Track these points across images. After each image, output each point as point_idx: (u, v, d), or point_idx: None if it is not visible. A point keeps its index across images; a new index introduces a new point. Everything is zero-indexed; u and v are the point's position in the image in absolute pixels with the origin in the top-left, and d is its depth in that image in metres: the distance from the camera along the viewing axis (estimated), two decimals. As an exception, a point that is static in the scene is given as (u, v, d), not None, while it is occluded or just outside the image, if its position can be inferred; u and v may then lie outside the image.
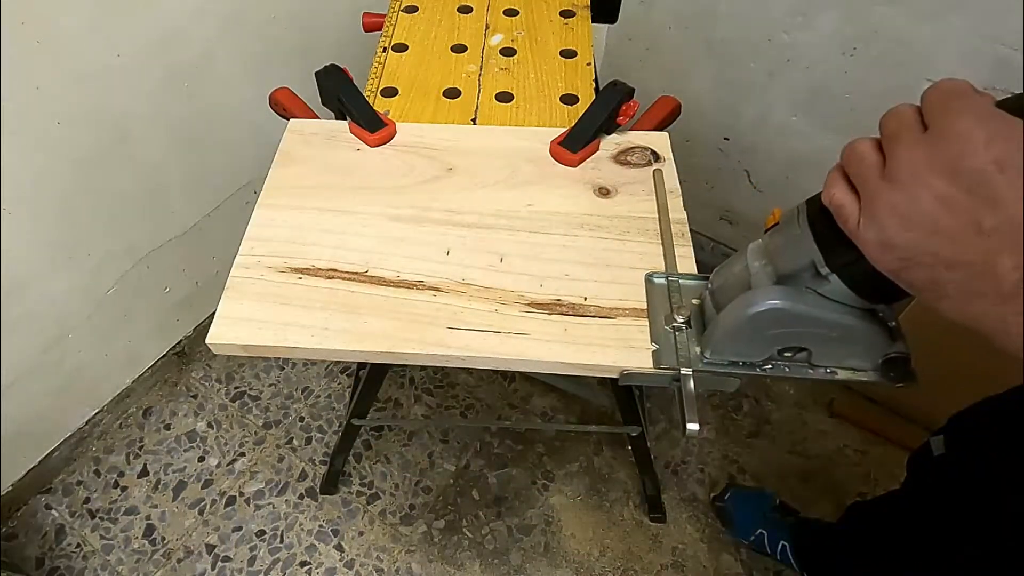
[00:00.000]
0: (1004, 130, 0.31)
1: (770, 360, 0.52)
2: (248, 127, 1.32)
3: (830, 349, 0.50)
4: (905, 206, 0.34)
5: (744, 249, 0.51)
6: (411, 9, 0.98)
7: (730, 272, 0.52)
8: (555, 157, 0.75)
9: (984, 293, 0.33)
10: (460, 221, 0.68)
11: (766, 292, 0.47)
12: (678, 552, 1.28)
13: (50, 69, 0.97)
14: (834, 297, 0.45)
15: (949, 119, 0.33)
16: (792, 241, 0.45)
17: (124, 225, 1.22)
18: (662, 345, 0.57)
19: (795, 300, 0.46)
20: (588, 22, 0.96)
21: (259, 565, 1.27)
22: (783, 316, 0.47)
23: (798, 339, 0.50)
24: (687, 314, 0.57)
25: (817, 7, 1.18)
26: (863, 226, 0.37)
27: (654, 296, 0.61)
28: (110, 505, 1.34)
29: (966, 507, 0.76)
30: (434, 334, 0.58)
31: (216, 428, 1.45)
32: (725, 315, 0.50)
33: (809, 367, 0.52)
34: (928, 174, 0.33)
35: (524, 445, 1.42)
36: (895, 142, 0.36)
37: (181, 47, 1.12)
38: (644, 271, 0.63)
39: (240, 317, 0.59)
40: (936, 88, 0.35)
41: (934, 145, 0.33)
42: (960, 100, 0.33)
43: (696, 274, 0.62)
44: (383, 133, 0.76)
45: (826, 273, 0.43)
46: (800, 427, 1.44)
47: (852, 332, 0.47)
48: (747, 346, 0.52)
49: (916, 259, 0.35)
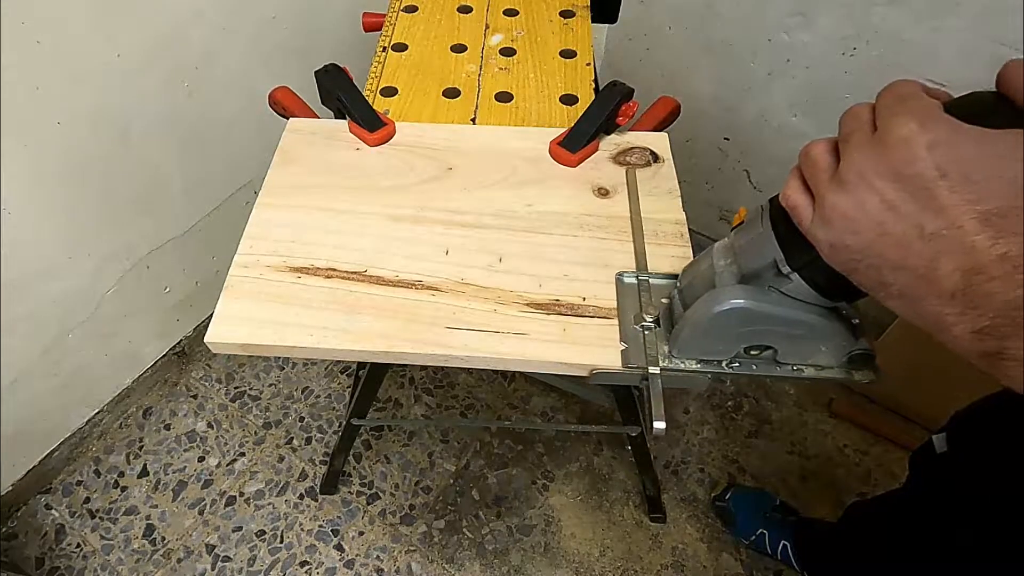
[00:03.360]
0: (947, 135, 0.32)
1: (737, 358, 0.53)
2: (248, 127, 1.32)
3: (795, 347, 0.51)
4: (852, 210, 0.35)
5: (711, 248, 0.52)
6: (411, 9, 0.98)
7: (697, 271, 0.53)
8: (554, 157, 0.75)
9: (928, 295, 0.33)
10: (459, 221, 0.68)
11: (729, 291, 0.48)
12: (678, 552, 1.28)
13: (50, 69, 0.97)
14: (797, 296, 0.45)
15: (894, 122, 0.33)
16: (756, 240, 0.46)
17: (124, 225, 1.22)
18: (631, 344, 0.57)
19: (758, 299, 0.46)
20: (588, 22, 0.96)
21: (259, 565, 1.27)
22: (746, 315, 0.47)
23: (763, 337, 0.50)
24: (656, 313, 0.57)
25: (817, 7, 1.18)
26: (815, 227, 0.38)
27: (624, 295, 0.61)
28: (110, 505, 1.34)
29: (968, 504, 0.76)
30: (433, 334, 0.58)
31: (216, 428, 1.45)
32: (690, 314, 0.51)
33: (776, 365, 0.53)
34: (874, 178, 0.34)
35: (524, 445, 1.42)
36: (846, 144, 0.36)
37: (181, 47, 1.12)
38: (643, 271, 0.63)
39: (239, 316, 0.59)
40: (888, 89, 0.36)
41: (880, 149, 0.34)
42: (907, 103, 0.34)
43: (666, 273, 0.62)
44: (382, 133, 0.76)
45: (787, 272, 0.44)
46: (800, 427, 1.44)
47: (815, 330, 0.48)
48: (713, 344, 0.52)
49: (865, 261, 0.36)
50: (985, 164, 0.31)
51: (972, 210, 0.31)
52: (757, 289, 0.47)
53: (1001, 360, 0.31)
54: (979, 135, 0.32)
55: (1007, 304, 0.30)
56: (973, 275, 0.31)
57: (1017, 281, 0.30)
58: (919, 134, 0.32)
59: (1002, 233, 0.30)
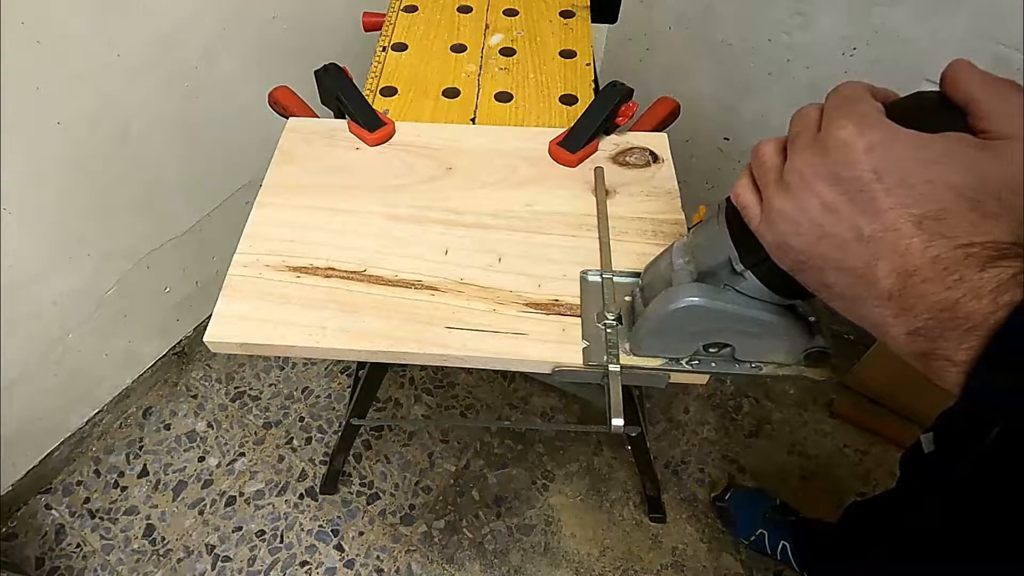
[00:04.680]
0: (884, 139, 0.32)
1: (696, 355, 0.54)
2: (248, 126, 1.32)
3: (752, 344, 0.51)
4: (795, 212, 0.36)
5: (671, 246, 0.52)
6: (411, 8, 0.98)
7: (657, 269, 0.53)
8: (554, 157, 0.75)
9: (867, 296, 0.34)
10: (459, 221, 0.68)
11: (685, 289, 0.48)
12: (678, 552, 1.28)
13: (50, 69, 0.97)
14: (751, 294, 0.46)
15: (835, 125, 0.34)
16: (711, 238, 0.46)
17: (124, 225, 1.22)
18: (593, 342, 0.57)
19: (712, 297, 0.47)
20: (588, 22, 0.96)
21: (259, 565, 1.27)
22: (701, 312, 0.48)
23: (719, 335, 0.51)
24: (617, 311, 0.58)
25: (817, 7, 1.18)
26: (763, 227, 0.39)
27: (588, 293, 0.61)
28: (110, 505, 1.34)
29: (956, 503, 0.76)
30: (432, 334, 0.58)
31: (216, 428, 1.45)
32: (648, 312, 0.51)
33: (735, 362, 0.53)
34: (815, 181, 0.34)
35: (524, 445, 1.42)
36: (792, 145, 0.37)
37: (181, 47, 1.12)
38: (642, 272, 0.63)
39: (238, 316, 0.59)
40: (834, 91, 0.36)
41: (821, 152, 0.34)
42: (848, 106, 0.34)
43: (630, 271, 0.62)
44: (382, 132, 0.76)
45: (741, 270, 0.44)
46: (800, 427, 1.44)
47: (771, 327, 0.48)
48: (671, 342, 0.53)
49: (808, 262, 0.36)
50: (920, 168, 0.31)
51: (908, 213, 0.31)
52: (712, 287, 0.47)
53: (932, 360, 0.32)
54: (916, 139, 0.32)
55: (936, 304, 0.31)
56: (907, 277, 0.32)
57: (947, 283, 0.30)
58: (857, 137, 0.33)
59: (935, 236, 0.31)
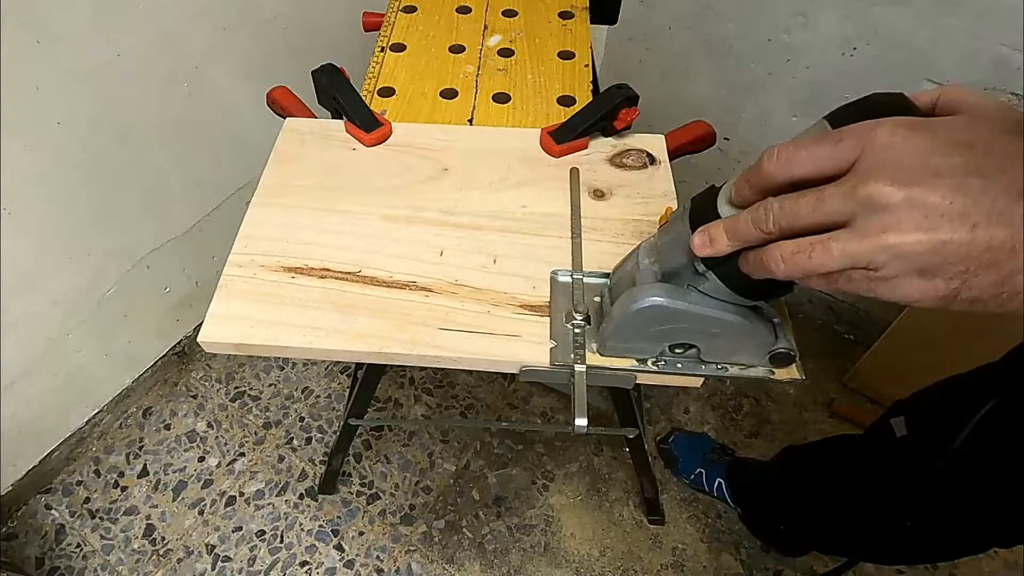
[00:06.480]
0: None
1: (663, 356, 0.54)
2: (248, 127, 1.32)
3: (716, 345, 0.51)
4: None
5: (638, 246, 0.52)
6: (410, 9, 0.98)
7: (624, 270, 0.53)
8: (542, 144, 0.75)
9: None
10: (454, 222, 0.68)
11: (647, 289, 0.48)
12: (678, 552, 1.28)
13: (50, 69, 0.97)
14: (714, 294, 0.46)
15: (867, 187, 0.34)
16: (676, 239, 0.46)
17: (124, 225, 1.23)
18: (560, 342, 0.57)
19: (675, 297, 0.47)
20: (587, 24, 0.96)
21: (259, 565, 1.27)
22: (664, 313, 0.48)
23: (684, 335, 0.51)
24: (586, 311, 0.58)
25: (817, 7, 1.17)
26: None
27: (558, 293, 0.61)
28: (110, 505, 1.35)
29: (926, 487, 0.76)
30: (426, 335, 0.58)
31: (216, 428, 1.45)
32: (612, 311, 0.52)
33: (700, 363, 0.53)
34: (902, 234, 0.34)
35: (524, 445, 1.42)
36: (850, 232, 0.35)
37: (181, 47, 1.12)
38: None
39: (232, 316, 0.59)
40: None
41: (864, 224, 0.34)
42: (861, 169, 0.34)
43: (600, 271, 0.62)
44: (379, 133, 0.76)
45: (703, 270, 0.44)
46: (800, 427, 1.44)
47: (733, 328, 0.48)
48: (636, 342, 0.53)
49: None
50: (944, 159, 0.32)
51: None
52: (675, 287, 0.47)
53: None
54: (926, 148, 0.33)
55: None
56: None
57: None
58: (895, 192, 0.32)
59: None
